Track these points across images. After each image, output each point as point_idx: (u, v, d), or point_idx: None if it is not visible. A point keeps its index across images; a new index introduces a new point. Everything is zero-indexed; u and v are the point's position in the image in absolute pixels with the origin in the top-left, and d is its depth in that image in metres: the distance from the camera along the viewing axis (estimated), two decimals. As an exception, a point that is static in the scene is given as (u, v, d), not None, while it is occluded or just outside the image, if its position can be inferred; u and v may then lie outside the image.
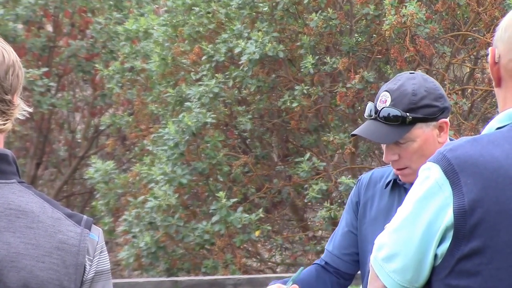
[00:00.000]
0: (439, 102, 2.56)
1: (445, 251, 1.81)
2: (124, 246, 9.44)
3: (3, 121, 1.75)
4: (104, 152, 12.19)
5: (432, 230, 1.81)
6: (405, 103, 2.52)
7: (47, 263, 1.71)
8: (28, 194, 1.75)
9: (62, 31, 12.26)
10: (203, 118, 8.82)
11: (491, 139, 1.85)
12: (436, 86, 2.60)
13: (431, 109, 2.54)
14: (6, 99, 1.75)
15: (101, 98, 12.15)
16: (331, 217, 8.73)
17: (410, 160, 2.54)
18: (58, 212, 1.77)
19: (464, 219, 1.79)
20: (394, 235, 1.86)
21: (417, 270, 1.84)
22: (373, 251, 1.91)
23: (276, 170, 9.73)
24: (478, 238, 1.78)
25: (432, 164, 1.85)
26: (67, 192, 13.12)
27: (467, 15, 8.84)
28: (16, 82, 1.77)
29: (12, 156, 1.78)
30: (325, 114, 9.33)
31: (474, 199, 1.78)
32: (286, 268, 9.98)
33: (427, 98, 2.53)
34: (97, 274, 1.78)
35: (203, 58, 9.19)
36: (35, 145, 12.45)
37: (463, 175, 1.79)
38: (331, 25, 8.72)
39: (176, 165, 9.01)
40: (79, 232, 1.76)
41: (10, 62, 1.75)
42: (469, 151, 1.82)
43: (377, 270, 1.88)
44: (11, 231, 1.70)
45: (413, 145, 2.54)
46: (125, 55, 10.36)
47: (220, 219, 8.71)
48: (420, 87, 2.56)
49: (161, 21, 9.81)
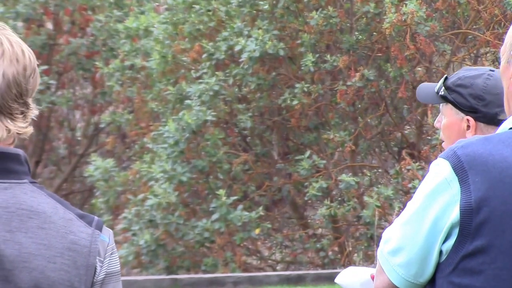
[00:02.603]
0: (473, 100, 2.55)
1: (450, 248, 1.82)
2: (123, 244, 9.44)
3: (26, 123, 1.79)
4: (104, 150, 12.16)
5: (438, 226, 1.82)
6: (451, 81, 2.60)
7: (58, 263, 1.71)
8: (40, 195, 1.75)
9: (62, 29, 12.26)
10: (203, 116, 8.85)
11: (502, 138, 1.86)
12: (486, 88, 2.57)
13: (461, 100, 2.56)
14: (27, 101, 1.79)
15: (101, 96, 12.15)
16: (331, 215, 8.76)
17: (443, 134, 2.62)
18: (70, 213, 1.76)
19: (470, 217, 1.79)
20: (401, 229, 1.87)
21: (421, 265, 1.84)
22: (380, 244, 1.92)
23: (276, 168, 9.76)
24: (483, 237, 1.79)
25: (442, 160, 1.85)
26: (67, 190, 13.10)
27: (467, 13, 8.86)
28: (35, 85, 1.82)
29: (24, 156, 1.79)
30: (326, 112, 9.35)
31: (481, 197, 1.79)
32: (286, 266, 10.00)
33: (465, 89, 2.56)
34: (108, 275, 1.77)
35: (204, 56, 9.22)
36: (35, 143, 12.43)
37: (472, 173, 1.80)
38: (331, 23, 8.75)
39: (176, 163, 9.03)
40: (90, 233, 1.76)
41: (34, 66, 1.81)
42: (480, 149, 1.83)
43: (383, 263, 1.89)
44: (23, 231, 1.70)
45: (445, 121, 2.61)
46: (126, 53, 10.39)
47: (220, 217, 8.74)
48: (472, 78, 2.58)
49: (162, 19, 9.84)
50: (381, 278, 1.90)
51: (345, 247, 9.29)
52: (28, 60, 1.80)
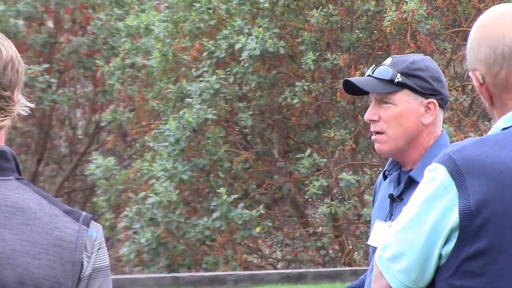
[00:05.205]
0: (434, 83, 2.54)
1: (450, 252, 1.82)
2: (125, 242, 9.49)
3: (2, 118, 1.74)
4: (105, 148, 12.18)
5: (438, 231, 1.82)
6: (401, 67, 2.53)
7: (43, 260, 1.71)
8: (25, 191, 1.75)
9: (63, 27, 12.28)
10: (204, 114, 8.86)
11: (498, 139, 1.85)
12: (438, 71, 2.59)
13: (423, 83, 2.53)
14: (4, 95, 1.74)
15: (102, 95, 12.16)
16: (332, 213, 8.76)
17: (388, 124, 2.53)
18: (56, 209, 1.76)
19: (470, 220, 1.79)
20: (400, 235, 1.87)
21: (421, 270, 1.85)
22: (378, 250, 1.92)
23: (277, 166, 9.78)
24: (484, 239, 1.79)
25: (438, 165, 1.85)
26: (68, 188, 13.14)
27: (468, 11, 8.87)
28: (16, 78, 1.76)
29: (11, 153, 1.78)
30: (326, 111, 9.36)
31: (480, 200, 1.79)
32: (286, 264, 10.02)
33: (423, 72, 2.53)
34: (95, 270, 1.77)
35: (204, 54, 9.23)
36: (36, 142, 12.47)
37: (469, 177, 1.80)
38: (332, 21, 8.75)
39: (177, 161, 9.04)
40: (76, 229, 1.75)
41: (8, 58, 1.75)
42: (476, 152, 1.82)
43: (383, 270, 1.89)
44: (7, 228, 1.70)
45: (395, 109, 2.52)
46: (126, 51, 10.40)
47: (221, 215, 8.75)
48: (422, 61, 2.56)
49: (162, 17, 9.85)
50: (380, 283, 1.90)
51: (345, 245, 9.30)
52: None
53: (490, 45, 1.89)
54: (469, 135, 8.41)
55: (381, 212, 2.60)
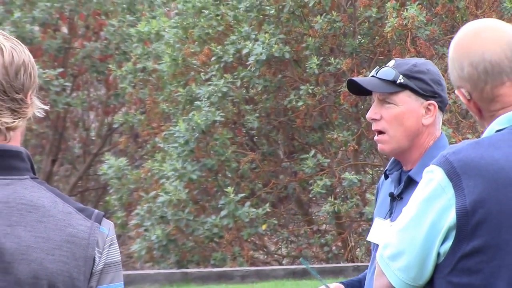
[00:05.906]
0: (435, 85, 2.55)
1: (448, 250, 1.85)
2: (136, 239, 9.52)
3: (14, 119, 1.74)
4: (117, 149, 12.15)
5: (436, 230, 1.85)
6: (404, 69, 2.55)
7: (57, 255, 1.72)
8: (40, 190, 1.76)
9: (77, 33, 12.30)
10: (212, 117, 8.93)
11: (492, 141, 1.88)
12: (439, 74, 2.62)
13: (424, 85, 2.54)
14: (17, 98, 1.74)
15: (114, 97, 12.17)
16: (335, 211, 8.80)
17: (390, 124, 2.55)
18: (69, 206, 1.77)
19: (467, 219, 1.82)
20: (399, 234, 1.89)
21: (420, 268, 1.88)
22: (379, 249, 1.95)
23: (282, 167, 9.81)
24: (480, 237, 1.82)
25: (435, 167, 1.87)
26: (82, 187, 13.09)
27: (465, 18, 8.85)
28: (29, 81, 1.76)
29: (26, 153, 1.79)
30: (329, 113, 9.42)
31: (476, 200, 1.82)
32: (291, 260, 10.02)
33: (425, 74, 2.56)
34: (106, 266, 1.78)
35: (212, 59, 9.29)
36: (51, 143, 12.44)
37: (465, 177, 1.83)
38: (335, 27, 8.82)
39: (186, 161, 9.10)
40: (89, 225, 1.76)
41: (20, 62, 1.74)
42: (471, 154, 1.85)
43: (383, 268, 1.92)
44: (23, 225, 1.71)
45: (396, 109, 2.54)
46: (138, 56, 10.44)
47: (229, 213, 8.81)
48: (424, 64, 2.58)
49: (172, 23, 9.89)
50: (381, 280, 1.94)
51: (348, 242, 9.31)
52: (9, 57, 1.74)
53: (471, 63, 1.92)
54: (467, 136, 8.38)
55: (382, 210, 2.62)
